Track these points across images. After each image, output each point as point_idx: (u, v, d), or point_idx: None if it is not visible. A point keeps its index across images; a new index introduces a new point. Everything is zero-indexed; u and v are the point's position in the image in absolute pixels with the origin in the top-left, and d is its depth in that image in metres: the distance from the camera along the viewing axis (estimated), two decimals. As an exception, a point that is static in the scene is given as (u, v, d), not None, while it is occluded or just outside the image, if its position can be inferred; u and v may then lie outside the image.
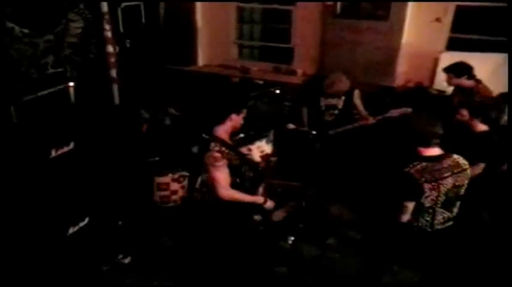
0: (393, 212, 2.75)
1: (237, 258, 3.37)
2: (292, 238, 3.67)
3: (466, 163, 2.76)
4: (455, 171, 2.70)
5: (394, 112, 4.20)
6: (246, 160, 3.21)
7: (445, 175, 2.66)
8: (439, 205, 2.71)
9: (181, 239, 3.89)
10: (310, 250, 3.77)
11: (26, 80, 4.73)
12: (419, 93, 5.41)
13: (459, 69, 4.23)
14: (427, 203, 2.67)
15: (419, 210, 2.70)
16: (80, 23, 5.36)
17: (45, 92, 4.80)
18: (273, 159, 3.45)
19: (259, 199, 3.15)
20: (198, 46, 7.17)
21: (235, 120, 3.15)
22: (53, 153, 3.29)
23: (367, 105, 4.60)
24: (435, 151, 2.72)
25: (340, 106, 4.52)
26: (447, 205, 2.75)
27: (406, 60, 5.64)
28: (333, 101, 4.52)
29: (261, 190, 3.25)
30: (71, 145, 3.43)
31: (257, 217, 3.24)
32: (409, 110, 4.13)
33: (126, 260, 3.77)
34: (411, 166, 2.66)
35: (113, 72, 5.61)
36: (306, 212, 3.74)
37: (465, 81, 4.21)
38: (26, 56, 4.77)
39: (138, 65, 6.22)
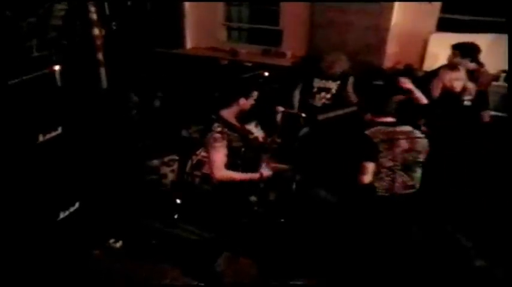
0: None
1: (232, 241, 3.38)
2: (282, 220, 3.68)
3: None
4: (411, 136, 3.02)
5: None
6: (249, 142, 3.20)
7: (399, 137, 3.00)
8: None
9: (174, 223, 3.89)
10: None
11: (10, 63, 4.63)
12: (407, 75, 5.39)
13: (466, 50, 4.13)
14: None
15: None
16: (64, 5, 5.23)
17: (31, 75, 4.71)
18: (278, 140, 3.46)
19: (254, 176, 3.13)
20: (185, 28, 7.07)
21: (244, 103, 3.11)
22: (41, 138, 3.24)
23: (356, 87, 4.59)
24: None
25: (333, 90, 4.49)
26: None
27: (395, 42, 5.61)
28: (327, 84, 4.49)
29: (266, 171, 3.22)
30: (59, 130, 3.39)
31: (253, 198, 3.23)
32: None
33: (118, 245, 3.77)
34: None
35: (100, 55, 5.51)
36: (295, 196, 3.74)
37: (467, 63, 4.17)
38: (9, 39, 4.66)
39: (125, 48, 6.12)
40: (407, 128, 3.08)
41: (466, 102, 3.93)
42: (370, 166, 2.93)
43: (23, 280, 3.08)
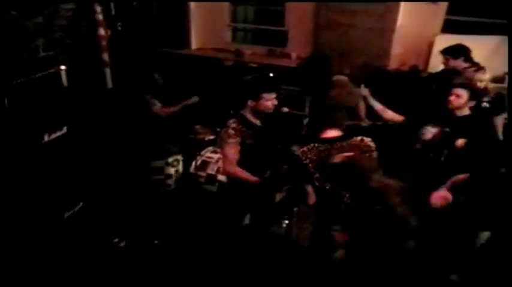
0: None
1: (231, 243, 3.38)
2: (287, 222, 3.67)
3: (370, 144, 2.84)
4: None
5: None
6: (263, 141, 3.19)
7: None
8: None
9: (176, 223, 3.90)
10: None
11: (17, 63, 4.65)
12: (413, 77, 5.38)
13: (457, 51, 4.17)
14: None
15: None
16: (70, 5, 5.24)
17: (37, 75, 4.73)
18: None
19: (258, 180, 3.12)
20: (191, 29, 7.08)
21: (256, 105, 3.09)
22: (46, 138, 3.26)
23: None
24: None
25: None
26: None
27: (401, 43, 5.59)
28: None
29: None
30: (64, 129, 3.41)
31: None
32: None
33: (122, 244, 3.78)
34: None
35: (105, 56, 5.54)
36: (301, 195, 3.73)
37: (462, 64, 4.17)
38: (15, 39, 4.67)
39: (130, 49, 6.14)
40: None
41: (484, 104, 3.84)
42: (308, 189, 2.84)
43: (27, 279, 3.10)
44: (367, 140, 2.89)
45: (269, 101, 3.10)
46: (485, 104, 3.86)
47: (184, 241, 3.73)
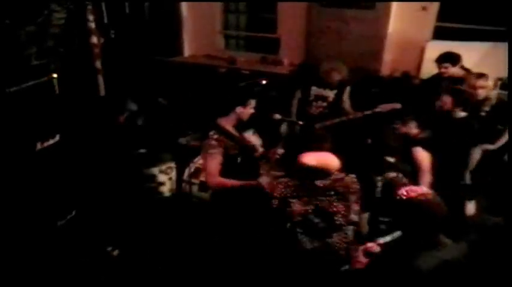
0: None
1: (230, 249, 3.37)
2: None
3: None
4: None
5: (384, 107, 4.18)
6: (245, 150, 3.18)
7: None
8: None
9: (171, 231, 3.88)
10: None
11: (9, 72, 4.64)
12: (405, 83, 5.42)
13: (455, 58, 4.16)
14: None
15: None
16: (63, 14, 5.25)
17: (29, 84, 4.72)
18: (279, 152, 3.40)
19: (247, 183, 3.03)
20: (183, 36, 7.11)
21: (242, 112, 3.09)
22: (39, 146, 3.25)
23: (353, 95, 4.58)
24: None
25: (330, 99, 4.48)
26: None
27: (392, 50, 5.65)
28: (324, 92, 4.48)
29: (264, 179, 3.07)
30: (57, 137, 3.40)
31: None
32: (398, 105, 4.12)
33: (115, 253, 3.76)
34: None
35: (98, 64, 5.54)
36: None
37: (458, 71, 4.19)
38: (8, 47, 4.66)
39: (123, 56, 6.14)
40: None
41: (483, 113, 3.85)
42: None
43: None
44: (349, 179, 2.58)
45: (251, 108, 3.11)
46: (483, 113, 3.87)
47: (178, 248, 3.72)
